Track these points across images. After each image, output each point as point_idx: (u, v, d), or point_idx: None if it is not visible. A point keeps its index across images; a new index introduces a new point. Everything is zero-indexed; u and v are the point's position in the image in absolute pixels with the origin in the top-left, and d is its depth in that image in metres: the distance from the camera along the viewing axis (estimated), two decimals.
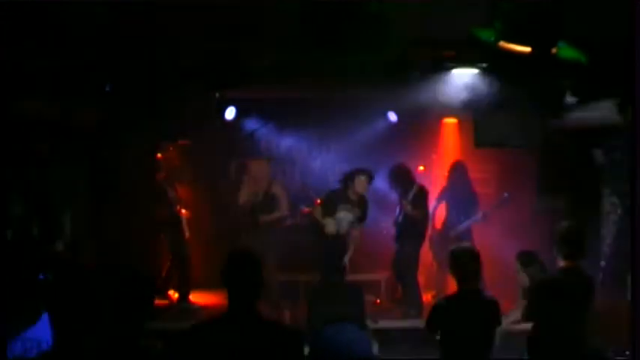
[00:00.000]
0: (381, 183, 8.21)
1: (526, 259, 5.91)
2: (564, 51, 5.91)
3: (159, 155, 9.23)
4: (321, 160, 9.81)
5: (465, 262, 4.72)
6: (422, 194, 7.89)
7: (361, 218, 7.81)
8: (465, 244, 5.62)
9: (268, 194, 8.18)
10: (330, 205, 7.71)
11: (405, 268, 7.89)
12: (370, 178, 7.67)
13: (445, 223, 8.42)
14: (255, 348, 3.16)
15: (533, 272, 5.75)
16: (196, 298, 8.62)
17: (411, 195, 7.80)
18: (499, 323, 4.77)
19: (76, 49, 6.08)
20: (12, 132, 6.61)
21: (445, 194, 8.48)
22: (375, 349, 5.26)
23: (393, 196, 8.26)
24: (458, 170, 8.37)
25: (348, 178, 7.69)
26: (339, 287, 6.03)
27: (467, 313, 4.67)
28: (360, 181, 7.60)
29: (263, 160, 8.69)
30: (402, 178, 7.92)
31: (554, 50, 5.89)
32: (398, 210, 8.02)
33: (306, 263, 8.24)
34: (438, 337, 4.73)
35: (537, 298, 3.99)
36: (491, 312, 4.73)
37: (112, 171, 8.78)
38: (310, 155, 9.86)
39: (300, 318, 7.07)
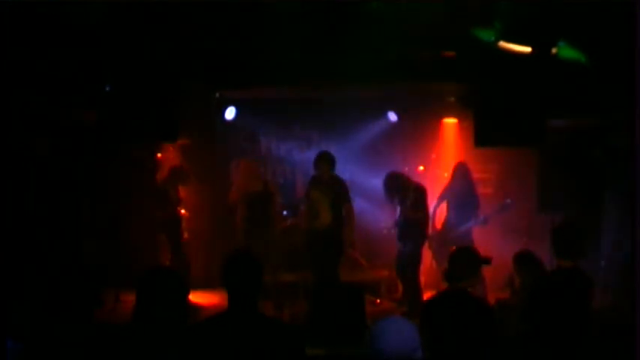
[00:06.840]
0: (380, 184, 8.18)
1: (524, 259, 5.89)
2: (564, 51, 5.92)
3: (159, 155, 9.22)
4: None
5: (454, 260, 4.61)
6: (420, 195, 7.87)
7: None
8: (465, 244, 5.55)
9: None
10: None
11: (406, 267, 7.88)
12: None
13: (445, 224, 8.41)
14: (256, 345, 3.16)
15: (531, 272, 5.73)
16: (196, 298, 8.60)
17: (409, 200, 7.80)
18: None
19: (76, 48, 6.10)
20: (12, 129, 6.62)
21: (447, 194, 8.47)
22: None
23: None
24: (460, 172, 8.35)
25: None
26: (338, 287, 6.02)
27: (454, 316, 4.45)
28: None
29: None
30: (397, 186, 7.91)
31: (554, 50, 5.90)
32: (398, 212, 8.01)
33: (305, 263, 8.22)
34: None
35: (536, 299, 3.95)
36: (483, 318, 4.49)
37: (112, 171, 8.80)
38: (310, 155, 9.84)
39: (299, 318, 7.08)
